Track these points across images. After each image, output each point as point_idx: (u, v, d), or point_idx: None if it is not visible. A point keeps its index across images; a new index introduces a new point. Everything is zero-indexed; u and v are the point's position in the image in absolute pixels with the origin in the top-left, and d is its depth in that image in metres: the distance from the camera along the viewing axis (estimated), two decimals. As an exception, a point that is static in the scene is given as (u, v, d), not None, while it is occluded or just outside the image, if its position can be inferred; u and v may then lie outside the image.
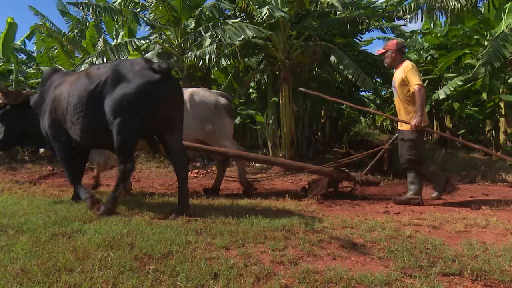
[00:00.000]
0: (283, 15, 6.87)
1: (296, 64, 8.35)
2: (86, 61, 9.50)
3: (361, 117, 23.37)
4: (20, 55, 15.78)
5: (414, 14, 7.29)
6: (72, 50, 12.51)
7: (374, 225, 3.33)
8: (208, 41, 7.72)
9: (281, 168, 6.55)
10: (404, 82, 4.46)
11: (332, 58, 7.73)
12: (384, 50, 4.69)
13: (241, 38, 6.77)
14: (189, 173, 8.22)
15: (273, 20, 7.04)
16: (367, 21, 8.06)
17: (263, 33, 7.01)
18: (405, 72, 4.45)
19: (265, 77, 9.42)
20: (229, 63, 8.16)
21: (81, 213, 3.79)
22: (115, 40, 12.56)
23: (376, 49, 8.74)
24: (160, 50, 10.51)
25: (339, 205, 4.63)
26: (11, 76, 12.33)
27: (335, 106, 12.13)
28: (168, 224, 3.38)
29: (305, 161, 8.96)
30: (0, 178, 6.88)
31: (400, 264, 2.39)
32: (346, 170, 5.15)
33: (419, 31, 12.50)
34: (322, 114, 11.56)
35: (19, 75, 12.88)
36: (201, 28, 8.42)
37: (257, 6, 7.14)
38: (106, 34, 13.52)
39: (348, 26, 8.52)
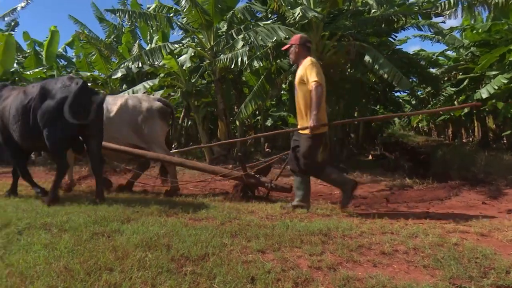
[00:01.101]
0: (316, 15, 6.78)
1: (329, 65, 8.20)
2: (122, 65, 9.77)
3: (396, 119, 22.80)
4: (61, 61, 16.48)
5: (453, 10, 7.00)
6: (109, 56, 12.93)
7: (416, 231, 3.18)
8: (240, 43, 7.74)
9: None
10: (303, 81, 4.02)
11: (367, 57, 7.54)
12: (289, 45, 4.31)
13: (273, 40, 6.73)
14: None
15: (306, 21, 6.96)
16: (403, 18, 7.81)
17: (295, 33, 6.93)
18: (304, 69, 4.03)
19: (298, 78, 9.35)
20: (261, 65, 8.12)
21: (118, 213, 3.85)
22: (149, 44, 12.86)
23: (411, 48, 8.45)
24: (192, 54, 10.65)
25: (375, 209, 4.49)
26: (53, 82, 12.88)
27: (368, 107, 11.88)
28: (203, 226, 3.38)
29: (338, 163, 8.81)
30: (43, 178, 7.15)
31: (448, 273, 2.25)
32: (257, 176, 5.04)
33: (458, 27, 12.01)
34: (355, 115, 11.32)
35: (60, 81, 13.45)
36: (233, 30, 8.46)
37: (289, 7, 7.09)
38: (141, 39, 13.90)
39: (383, 25, 8.29)
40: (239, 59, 7.78)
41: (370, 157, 11.61)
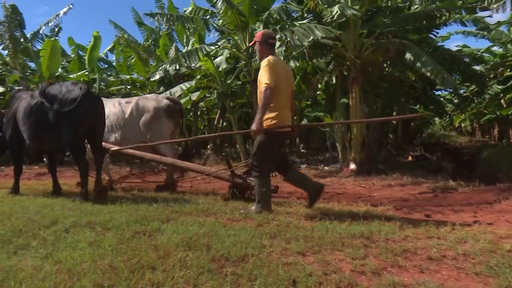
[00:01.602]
0: (355, 13, 6.63)
1: (367, 63, 8.01)
2: (160, 68, 10.00)
3: (436, 118, 21.95)
4: (102, 65, 17.12)
5: (501, 3, 6.63)
6: (147, 59, 13.28)
7: (464, 236, 3.01)
8: (276, 43, 7.67)
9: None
10: (260, 81, 3.86)
11: (408, 55, 7.28)
12: (253, 43, 4.14)
13: (310, 39, 6.64)
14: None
15: (343, 19, 6.82)
16: (446, 14, 7.49)
17: (332, 32, 6.83)
18: (260, 70, 3.87)
19: (334, 78, 9.18)
20: (297, 65, 8.04)
21: (158, 212, 3.92)
22: (185, 47, 13.10)
23: (454, 44, 8.07)
24: (228, 55, 10.74)
25: (419, 212, 4.32)
26: (94, 85, 13.40)
27: (407, 107, 11.50)
28: (242, 227, 3.37)
29: (376, 164, 8.59)
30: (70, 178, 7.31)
31: (503, 282, 2.11)
32: (244, 176, 4.93)
33: (506, 22, 11.37)
34: (393, 115, 10.98)
35: (101, 84, 13.98)
36: (268, 31, 8.44)
37: (326, 6, 6.98)
38: (177, 42, 14.15)
39: (424, 21, 7.98)
40: (275, 60, 7.74)
41: (410, 158, 11.24)
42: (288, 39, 6.72)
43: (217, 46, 10.43)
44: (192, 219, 3.62)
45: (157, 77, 10.77)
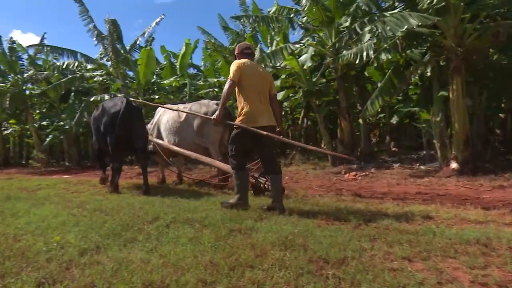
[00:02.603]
0: (457, -4, 6.00)
1: (469, 51, 7.21)
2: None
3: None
4: (192, 71, 18.09)
5: None
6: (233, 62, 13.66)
7: None
8: (367, 36, 7.29)
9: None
10: None
11: (521, 39, 6.39)
12: (235, 56, 4.48)
13: (403, 28, 6.17)
14: (348, 176, 8.02)
15: (442, 4, 6.23)
16: None
17: (429, 19, 6.26)
18: None
19: (429, 69, 8.46)
20: (389, 57, 7.54)
21: (251, 211, 3.94)
22: (269, 47, 13.20)
23: None
24: (313, 52, 10.55)
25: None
26: (185, 89, 14.19)
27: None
28: (338, 228, 3.23)
29: (481, 163, 7.71)
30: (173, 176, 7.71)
31: None
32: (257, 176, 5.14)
33: None
34: (501, 107, 9.76)
35: (191, 88, 14.75)
36: (355, 24, 8.07)
37: (422, -9, 6.43)
38: (262, 43, 14.33)
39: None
40: (364, 53, 7.37)
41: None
42: (380, 30, 6.33)
43: (301, 44, 10.30)
44: (285, 219, 3.57)
45: (243, 78, 10.97)
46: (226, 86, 4.12)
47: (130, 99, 6.23)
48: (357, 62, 7.73)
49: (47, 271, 2.24)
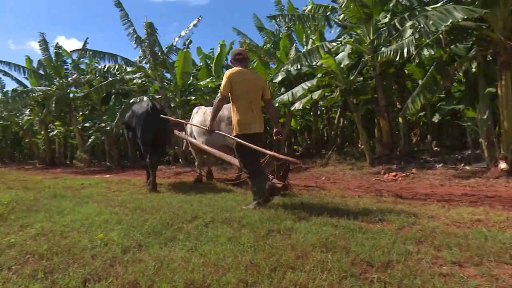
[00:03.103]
0: (505, -14, 5.65)
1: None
2: (282, 69, 10.12)
3: None
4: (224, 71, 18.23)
5: None
6: (267, 62, 13.64)
7: None
8: (408, 32, 7.01)
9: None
10: None
11: None
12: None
13: (448, 23, 5.87)
14: (387, 176, 7.77)
15: (491, -5, 5.88)
16: None
17: (476, 12, 5.94)
18: None
19: (475, 65, 8.04)
20: (432, 53, 7.21)
21: (289, 211, 3.89)
22: (305, 46, 13.06)
23: None
24: (350, 50, 10.32)
25: None
26: (221, 90, 14.29)
27: None
28: (379, 230, 3.11)
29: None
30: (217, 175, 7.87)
31: None
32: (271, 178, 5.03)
33: None
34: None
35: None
36: (395, 20, 7.80)
37: (468, -17, 6.11)
38: (297, 42, 14.21)
39: None
40: (405, 50, 7.10)
41: None
42: (422, 25, 6.06)
43: (338, 42, 10.10)
44: (324, 220, 3.49)
45: (279, 78, 10.95)
46: (216, 100, 4.33)
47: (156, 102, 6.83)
48: (397, 59, 7.45)
49: (92, 267, 2.30)
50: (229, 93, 4.33)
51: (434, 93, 7.97)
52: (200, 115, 7.44)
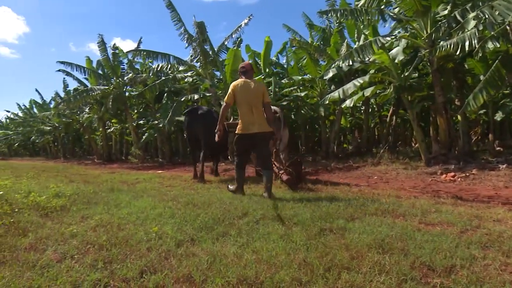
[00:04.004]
0: None
1: None
2: (333, 65, 9.91)
3: None
4: (274, 69, 18.19)
5: None
6: (317, 59, 13.42)
7: None
8: (471, 24, 6.54)
9: None
10: None
11: None
12: None
13: (517, 12, 5.43)
14: (445, 177, 7.36)
15: None
16: None
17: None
18: None
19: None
20: (497, 46, 6.68)
21: (341, 210, 3.79)
22: (357, 42, 12.70)
23: None
24: (405, 45, 9.86)
25: None
26: (270, 87, 14.29)
27: None
28: (440, 232, 2.94)
29: None
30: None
31: None
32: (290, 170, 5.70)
33: None
34: None
35: (276, 86, 14.84)
36: (456, 12, 7.32)
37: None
38: (348, 39, 13.84)
39: None
40: (467, 43, 6.65)
41: None
42: (487, 16, 5.65)
43: (392, 37, 9.69)
44: (379, 220, 3.36)
45: (330, 75, 10.73)
46: (221, 108, 5.21)
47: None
48: (457, 53, 6.99)
49: (148, 259, 2.37)
50: (234, 101, 5.10)
51: (498, 89, 7.40)
52: None
